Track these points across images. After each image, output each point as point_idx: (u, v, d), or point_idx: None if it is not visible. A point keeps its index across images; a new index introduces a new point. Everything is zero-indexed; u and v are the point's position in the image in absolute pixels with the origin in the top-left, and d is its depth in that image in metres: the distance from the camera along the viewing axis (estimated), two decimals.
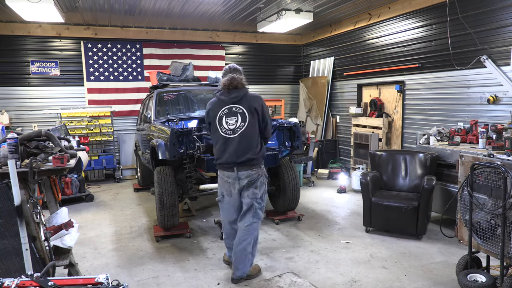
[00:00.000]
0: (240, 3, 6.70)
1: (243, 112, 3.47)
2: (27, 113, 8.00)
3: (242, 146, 3.45)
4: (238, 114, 3.47)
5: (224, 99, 3.50)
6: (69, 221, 3.33)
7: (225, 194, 3.64)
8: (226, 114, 3.48)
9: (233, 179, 3.52)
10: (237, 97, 3.47)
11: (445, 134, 5.27)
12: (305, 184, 7.49)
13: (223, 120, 3.48)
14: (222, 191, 3.66)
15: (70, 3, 6.35)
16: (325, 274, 3.71)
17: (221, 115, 3.49)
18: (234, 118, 3.46)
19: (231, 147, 3.45)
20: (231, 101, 3.48)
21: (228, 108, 3.48)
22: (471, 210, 3.17)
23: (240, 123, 3.46)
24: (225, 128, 3.48)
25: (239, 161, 3.45)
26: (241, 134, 3.45)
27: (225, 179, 3.57)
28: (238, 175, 3.49)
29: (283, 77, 10.19)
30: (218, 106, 3.52)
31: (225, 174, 3.54)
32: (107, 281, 1.71)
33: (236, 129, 3.46)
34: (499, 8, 5.01)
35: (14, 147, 2.77)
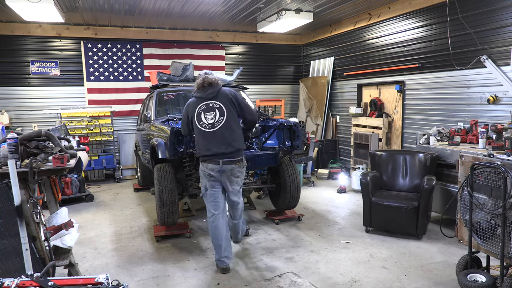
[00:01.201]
0: (240, 3, 6.70)
1: (220, 106, 3.66)
2: (27, 113, 8.01)
3: (224, 139, 3.62)
4: (215, 109, 3.65)
5: (200, 96, 3.70)
6: (69, 221, 3.33)
7: (208, 187, 3.74)
8: (204, 110, 3.66)
9: (217, 172, 3.65)
10: (212, 93, 3.68)
11: (445, 134, 5.27)
12: (305, 184, 7.49)
13: (201, 116, 3.65)
14: (205, 184, 3.77)
15: (70, 3, 6.35)
16: (325, 274, 3.71)
17: (199, 111, 3.67)
18: (212, 113, 3.64)
19: (213, 141, 3.62)
20: (207, 97, 3.68)
21: (205, 104, 3.67)
22: (471, 210, 3.17)
23: (218, 117, 3.63)
24: (204, 123, 3.64)
25: (222, 153, 3.62)
26: (221, 128, 3.62)
27: (208, 172, 3.67)
28: (222, 168, 3.64)
29: (283, 77, 10.19)
30: (195, 103, 3.71)
31: (209, 167, 3.65)
32: (107, 281, 1.71)
33: (215, 123, 3.63)
34: (499, 8, 5.01)
35: (14, 147, 2.77)
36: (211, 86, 3.70)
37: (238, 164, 3.71)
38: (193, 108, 3.69)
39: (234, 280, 3.62)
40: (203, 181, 3.77)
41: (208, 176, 3.70)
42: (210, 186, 3.74)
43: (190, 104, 3.75)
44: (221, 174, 3.67)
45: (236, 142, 3.67)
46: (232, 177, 3.74)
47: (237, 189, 3.85)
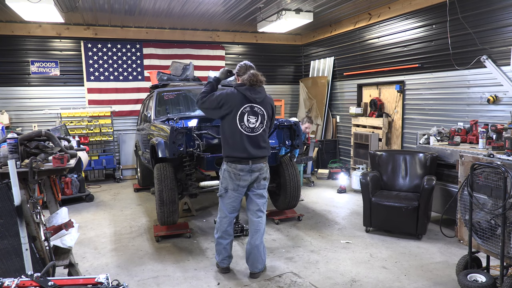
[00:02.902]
0: (240, 3, 6.70)
1: (263, 114, 3.54)
2: (27, 113, 8.01)
3: (258, 143, 3.51)
4: (259, 115, 3.52)
5: (248, 96, 3.45)
6: (69, 221, 3.33)
7: (229, 189, 3.56)
8: (248, 112, 3.47)
9: (246, 172, 3.50)
10: (260, 97, 3.50)
11: (445, 134, 5.27)
12: (305, 184, 7.49)
13: (244, 117, 3.46)
14: (226, 185, 3.56)
15: (70, 3, 6.35)
16: (325, 274, 3.71)
17: (243, 111, 3.45)
18: (255, 118, 3.50)
19: (248, 144, 3.46)
20: (255, 100, 3.48)
21: (250, 106, 3.47)
22: (471, 210, 3.17)
23: (259, 124, 3.52)
24: (246, 125, 3.46)
25: (254, 156, 3.49)
26: (258, 134, 3.52)
27: (236, 172, 3.49)
28: (252, 167, 3.50)
29: (283, 77, 10.19)
30: (241, 101, 3.45)
31: (238, 167, 3.48)
32: (107, 281, 1.71)
33: (255, 128, 3.50)
34: (499, 8, 5.01)
35: (14, 147, 2.77)
36: (261, 87, 3.52)
37: (265, 163, 3.61)
38: (239, 105, 3.43)
39: (234, 280, 3.62)
40: (225, 182, 3.56)
41: (235, 177, 3.50)
42: (232, 188, 3.54)
43: (235, 98, 3.44)
44: (250, 174, 3.52)
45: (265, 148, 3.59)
46: (260, 178, 3.58)
47: (264, 194, 3.65)
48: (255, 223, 3.63)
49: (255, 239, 3.61)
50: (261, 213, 3.65)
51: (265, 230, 4.91)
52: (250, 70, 3.54)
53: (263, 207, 3.67)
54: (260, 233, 3.63)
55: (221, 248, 3.73)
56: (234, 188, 3.55)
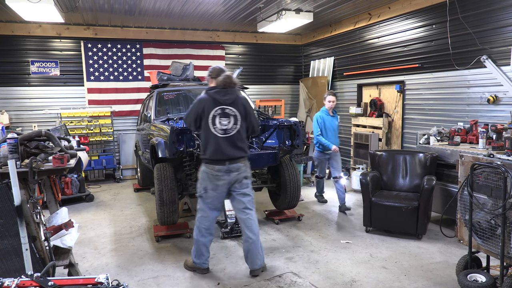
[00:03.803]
0: (240, 3, 6.70)
1: (236, 115, 3.60)
2: (27, 113, 8.01)
3: (234, 144, 3.58)
4: (231, 117, 3.58)
5: (218, 99, 3.56)
6: (69, 221, 3.33)
7: (208, 189, 3.63)
8: (220, 114, 3.56)
9: (224, 172, 3.57)
10: (230, 99, 3.58)
11: (445, 134, 5.27)
12: (305, 184, 7.49)
13: (216, 120, 3.55)
14: (205, 185, 3.63)
15: (70, 3, 6.35)
16: (325, 274, 3.71)
17: (214, 114, 3.54)
18: (227, 119, 3.56)
19: (224, 145, 3.54)
20: (225, 102, 3.56)
21: (221, 108, 3.56)
22: (471, 210, 3.17)
23: (232, 125, 3.58)
24: (218, 128, 3.55)
25: (231, 157, 3.57)
26: (233, 135, 3.57)
27: (214, 173, 3.57)
28: (229, 167, 3.58)
29: (283, 77, 10.19)
30: (211, 104, 3.55)
31: (215, 168, 3.56)
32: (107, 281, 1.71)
33: (228, 130, 3.56)
34: (499, 8, 5.01)
35: (14, 147, 2.77)
36: (232, 89, 3.60)
37: (243, 162, 3.67)
38: (209, 109, 3.53)
39: (234, 280, 3.62)
40: (204, 182, 3.64)
41: (213, 177, 3.58)
42: (211, 188, 3.62)
43: (206, 103, 3.55)
44: (228, 174, 3.59)
45: (242, 149, 3.65)
46: (241, 178, 3.65)
47: (247, 192, 3.71)
48: (244, 220, 3.70)
49: (248, 236, 3.66)
50: (248, 210, 3.71)
51: (265, 231, 4.92)
52: (222, 73, 3.63)
53: (250, 205, 3.73)
54: (252, 229, 3.67)
55: (201, 247, 3.70)
56: (213, 188, 3.61)
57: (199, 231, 3.71)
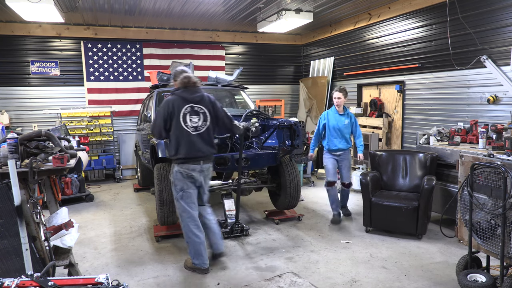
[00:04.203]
0: (240, 3, 6.70)
1: (205, 112, 3.74)
2: (27, 113, 8.01)
3: (204, 142, 3.72)
4: (200, 114, 3.72)
5: (186, 97, 3.67)
6: (69, 221, 3.33)
7: (185, 188, 3.72)
8: (190, 112, 3.67)
9: (198, 172, 3.72)
10: (198, 97, 3.72)
11: (445, 134, 5.27)
12: (305, 184, 7.48)
13: (187, 118, 3.65)
14: (182, 186, 3.71)
15: (70, 3, 6.35)
16: (325, 274, 3.71)
17: (184, 112, 3.65)
18: (197, 117, 3.70)
19: (197, 143, 3.66)
20: (193, 100, 3.69)
21: (191, 106, 3.68)
22: (471, 210, 3.17)
23: (202, 122, 3.72)
24: (190, 125, 3.66)
25: (206, 153, 3.73)
26: (203, 132, 3.71)
27: (188, 172, 3.68)
28: (203, 167, 3.74)
29: (283, 77, 10.19)
30: (180, 103, 3.65)
31: (190, 167, 3.68)
32: (107, 281, 1.71)
33: (198, 127, 3.70)
34: (499, 8, 5.01)
35: (14, 147, 2.77)
36: (196, 87, 3.74)
37: (211, 163, 3.88)
38: (178, 108, 3.63)
39: (234, 280, 3.62)
40: (180, 184, 3.71)
41: (188, 177, 3.70)
42: (187, 187, 3.72)
43: (174, 103, 3.64)
44: (200, 173, 3.75)
45: (212, 145, 3.84)
46: (207, 176, 3.87)
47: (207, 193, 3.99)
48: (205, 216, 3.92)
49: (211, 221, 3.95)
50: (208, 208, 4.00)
51: (265, 231, 4.92)
52: (183, 74, 3.73)
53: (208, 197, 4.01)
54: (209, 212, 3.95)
55: (199, 247, 3.72)
56: (189, 186, 3.74)
57: (191, 233, 3.75)
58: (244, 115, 4.85)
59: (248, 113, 4.95)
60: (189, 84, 3.69)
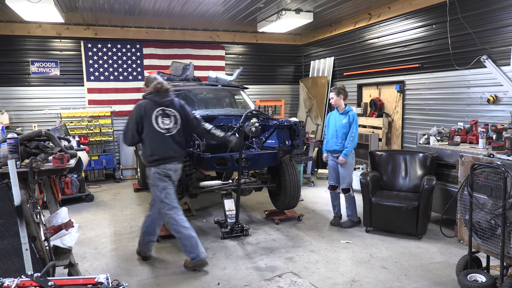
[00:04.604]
0: (240, 3, 6.70)
1: (175, 115, 3.89)
2: (27, 113, 8.01)
3: (176, 144, 3.88)
4: (171, 117, 3.87)
5: (157, 101, 3.83)
6: (69, 221, 3.33)
7: (167, 187, 3.85)
8: (161, 114, 3.82)
9: (174, 171, 3.88)
10: (168, 100, 3.88)
11: (445, 134, 5.27)
12: (305, 184, 7.48)
13: (159, 120, 3.80)
14: (164, 185, 3.82)
15: (70, 3, 6.35)
16: (325, 274, 3.71)
17: (156, 114, 3.80)
18: (169, 119, 3.85)
19: (170, 144, 3.82)
20: (164, 103, 3.85)
21: (162, 109, 3.83)
22: (471, 210, 3.17)
23: (173, 124, 3.86)
24: (162, 127, 3.81)
25: (176, 156, 3.88)
26: (174, 134, 3.86)
27: (166, 172, 3.82)
28: (176, 167, 3.91)
29: (283, 77, 10.19)
30: (152, 106, 3.81)
31: (167, 167, 3.82)
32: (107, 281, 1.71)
33: (170, 129, 3.84)
34: (499, 8, 5.01)
35: (14, 147, 2.77)
36: (167, 93, 3.91)
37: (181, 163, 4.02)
38: (150, 110, 3.77)
39: (234, 280, 3.62)
40: (161, 184, 3.80)
41: (165, 177, 3.82)
42: (167, 185, 3.86)
43: (147, 105, 3.79)
44: (175, 173, 3.92)
45: (183, 147, 3.99)
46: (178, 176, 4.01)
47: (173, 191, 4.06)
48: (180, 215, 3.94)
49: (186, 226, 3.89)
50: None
51: (265, 231, 4.92)
52: (156, 80, 3.90)
53: None
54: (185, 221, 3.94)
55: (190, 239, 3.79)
56: (169, 185, 3.88)
57: (182, 227, 3.83)
58: (244, 115, 4.85)
59: (248, 113, 4.95)
60: (161, 90, 3.84)
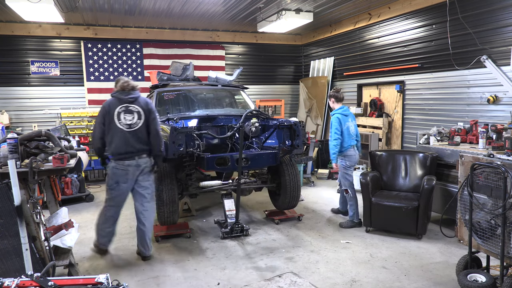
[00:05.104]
0: (240, 3, 6.70)
1: (139, 111, 3.98)
2: (27, 113, 8.01)
3: (139, 139, 3.95)
4: (135, 113, 3.96)
5: (121, 98, 3.95)
6: (69, 221, 3.33)
7: (120, 182, 3.95)
8: (124, 111, 3.94)
9: (134, 167, 3.95)
10: (133, 97, 3.98)
11: (445, 134, 5.27)
12: (305, 184, 7.48)
13: (121, 116, 3.92)
14: (116, 179, 3.95)
15: (70, 3, 6.35)
16: (325, 274, 3.71)
17: (119, 111, 3.92)
18: (131, 115, 3.94)
19: (131, 140, 3.91)
20: (128, 100, 3.96)
21: (125, 106, 3.95)
22: (471, 210, 3.17)
23: (136, 120, 3.95)
24: (123, 122, 3.91)
25: (138, 149, 3.95)
26: (137, 130, 3.94)
27: (123, 168, 3.93)
28: (138, 162, 3.96)
29: (283, 77, 10.19)
30: (115, 104, 3.94)
31: (125, 163, 3.93)
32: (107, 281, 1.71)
33: (132, 125, 3.93)
34: (499, 8, 5.01)
35: (14, 147, 2.77)
36: (134, 90, 4.02)
37: (148, 158, 4.04)
38: (113, 107, 3.91)
39: (234, 280, 3.62)
40: (114, 177, 3.95)
41: (122, 171, 3.92)
42: (122, 181, 3.96)
43: (111, 103, 3.95)
44: (137, 168, 3.97)
45: (146, 143, 4.01)
46: (145, 173, 4.03)
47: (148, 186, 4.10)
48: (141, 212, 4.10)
49: (140, 227, 4.11)
50: (146, 204, 4.11)
51: (265, 231, 4.92)
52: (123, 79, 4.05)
53: (149, 198, 4.13)
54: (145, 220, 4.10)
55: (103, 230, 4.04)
56: (124, 181, 3.96)
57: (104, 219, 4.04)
58: (244, 115, 4.85)
59: (248, 113, 4.95)
60: (127, 88, 3.97)
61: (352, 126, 5.19)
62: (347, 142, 5.11)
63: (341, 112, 5.17)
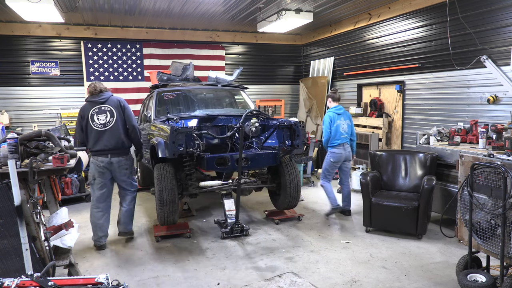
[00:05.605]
0: (240, 3, 6.71)
1: (111, 109, 4.31)
2: (27, 113, 8.01)
3: (113, 136, 4.27)
4: (107, 112, 4.30)
5: (93, 101, 4.32)
6: (69, 221, 3.33)
7: (96, 177, 4.33)
8: (97, 112, 4.29)
9: (107, 163, 4.29)
10: (104, 98, 4.32)
11: (445, 134, 5.27)
12: (305, 184, 7.48)
13: (95, 117, 4.27)
14: (93, 174, 4.33)
15: (70, 3, 6.35)
16: (325, 274, 3.71)
17: (92, 113, 4.27)
18: (104, 115, 4.29)
19: (104, 137, 4.24)
20: (99, 102, 4.30)
21: (98, 107, 4.30)
22: (471, 210, 3.17)
23: (109, 119, 4.29)
24: (97, 123, 4.26)
25: (111, 148, 4.27)
26: (111, 127, 4.27)
27: (98, 163, 4.29)
28: (111, 160, 4.30)
29: (283, 77, 10.19)
30: (89, 107, 4.31)
31: (99, 159, 4.29)
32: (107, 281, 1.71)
33: (106, 123, 4.27)
34: (499, 8, 5.01)
35: (14, 147, 2.77)
36: (103, 92, 4.35)
37: (124, 157, 4.42)
38: (88, 110, 4.28)
39: (234, 280, 3.62)
40: (92, 171, 4.33)
41: (98, 167, 4.29)
42: (98, 175, 4.32)
43: (84, 108, 4.32)
44: (110, 165, 4.31)
45: (123, 140, 4.34)
46: (121, 169, 4.40)
47: (126, 180, 4.50)
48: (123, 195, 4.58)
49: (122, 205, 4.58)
50: (125, 191, 4.56)
51: (265, 231, 4.92)
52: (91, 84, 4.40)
53: (129, 187, 4.56)
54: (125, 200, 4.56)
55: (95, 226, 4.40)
56: (100, 175, 4.33)
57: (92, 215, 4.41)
58: (244, 115, 4.85)
59: (248, 113, 4.95)
60: (95, 91, 4.31)
61: (344, 125, 5.37)
62: (336, 140, 5.31)
63: (334, 111, 5.40)
